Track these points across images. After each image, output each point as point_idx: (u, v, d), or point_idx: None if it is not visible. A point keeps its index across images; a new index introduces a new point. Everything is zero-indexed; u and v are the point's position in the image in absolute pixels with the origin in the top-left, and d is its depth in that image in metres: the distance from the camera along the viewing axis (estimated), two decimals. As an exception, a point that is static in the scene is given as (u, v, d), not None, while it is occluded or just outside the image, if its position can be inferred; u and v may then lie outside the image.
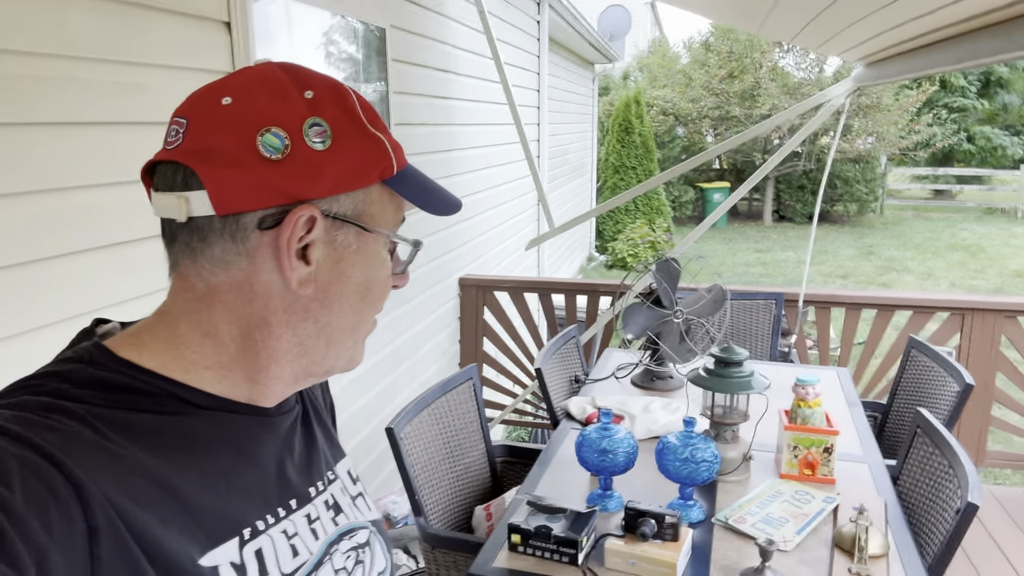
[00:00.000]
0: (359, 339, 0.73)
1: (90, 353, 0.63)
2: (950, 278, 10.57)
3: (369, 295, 0.71)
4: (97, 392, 0.60)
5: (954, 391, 2.53)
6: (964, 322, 3.66)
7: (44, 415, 0.56)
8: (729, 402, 2.14)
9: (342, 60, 2.88)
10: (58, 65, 1.57)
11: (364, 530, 0.80)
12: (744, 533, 1.81)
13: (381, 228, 0.69)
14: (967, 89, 17.68)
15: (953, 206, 17.59)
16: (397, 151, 0.69)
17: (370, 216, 0.68)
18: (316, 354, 0.70)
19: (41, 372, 0.62)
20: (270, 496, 0.69)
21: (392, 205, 0.70)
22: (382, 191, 0.69)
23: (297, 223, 0.63)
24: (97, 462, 0.55)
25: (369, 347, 3.10)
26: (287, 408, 0.74)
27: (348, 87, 0.69)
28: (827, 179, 4.01)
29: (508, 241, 5.57)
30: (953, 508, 1.80)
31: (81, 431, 0.56)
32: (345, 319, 0.70)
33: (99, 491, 0.53)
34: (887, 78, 3.29)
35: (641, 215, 12.20)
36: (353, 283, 0.69)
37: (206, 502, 0.62)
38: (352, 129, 0.66)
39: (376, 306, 0.72)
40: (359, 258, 0.68)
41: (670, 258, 2.71)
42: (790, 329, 4.03)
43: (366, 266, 0.69)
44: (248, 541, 0.64)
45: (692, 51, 16.53)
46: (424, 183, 0.72)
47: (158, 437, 0.61)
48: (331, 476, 0.79)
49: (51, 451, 0.53)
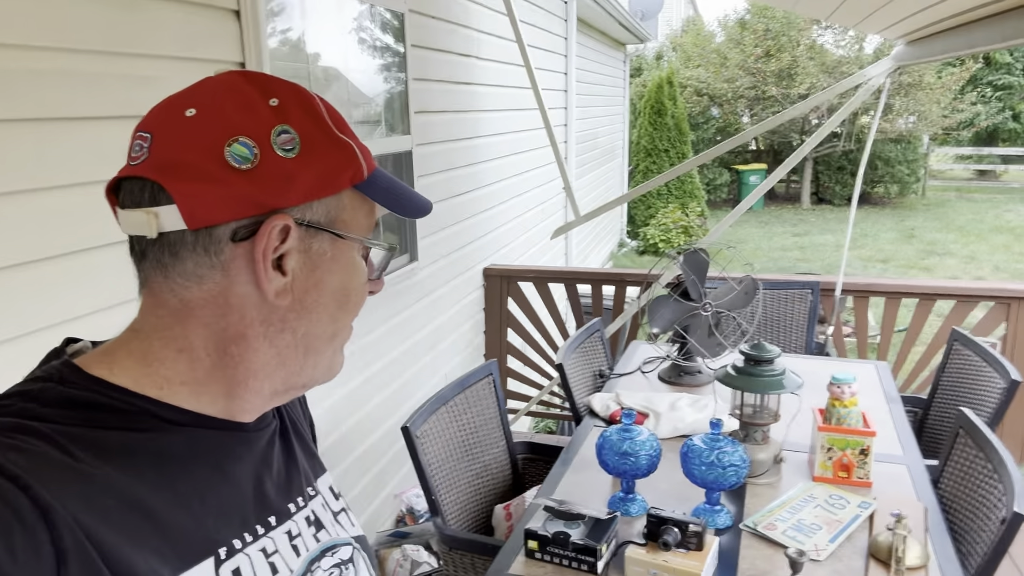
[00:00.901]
0: (337, 347, 0.72)
1: (59, 371, 0.62)
2: (994, 261, 10.24)
3: (347, 302, 0.70)
4: (66, 411, 0.59)
5: (999, 387, 2.40)
6: (1010, 311, 3.50)
7: (10, 436, 0.55)
8: (759, 401, 2.05)
9: (358, 47, 2.81)
10: (58, 58, 1.53)
11: (347, 547, 0.78)
12: (774, 541, 1.72)
13: (355, 234, 0.68)
14: (1012, 66, 17.09)
15: (998, 187, 17.05)
16: (366, 155, 0.68)
17: (343, 222, 0.67)
18: (295, 365, 0.68)
19: (8, 392, 0.60)
20: (247, 514, 0.67)
21: (364, 210, 0.69)
22: (353, 196, 0.68)
23: (272, 233, 0.62)
24: (65, 483, 0.54)
25: (387, 342, 3.07)
26: (264, 424, 0.73)
27: (312, 93, 0.68)
28: (867, 160, 3.86)
29: (535, 229, 5.49)
30: (998, 516, 1.69)
31: (48, 451, 0.55)
32: (323, 328, 0.69)
33: (67, 513, 0.52)
34: (929, 57, 3.13)
35: (674, 199, 11.99)
36: (330, 291, 0.68)
37: (179, 521, 0.60)
38: (320, 135, 0.65)
39: (353, 313, 0.71)
40: (335, 265, 0.67)
41: (698, 248, 2.61)
42: (826, 317, 3.89)
43: (342, 273, 0.68)
44: (224, 560, 0.63)
45: (727, 30, 16.18)
46: (393, 186, 0.71)
47: (130, 456, 0.59)
48: (311, 492, 0.78)
49: (16, 473, 0.52)
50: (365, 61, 2.86)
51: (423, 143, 3.32)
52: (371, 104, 2.93)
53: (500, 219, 4.59)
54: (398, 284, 3.09)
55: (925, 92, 13.91)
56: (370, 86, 2.91)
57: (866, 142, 13.72)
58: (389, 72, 3.04)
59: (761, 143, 16.90)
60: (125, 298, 1.71)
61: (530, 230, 5.36)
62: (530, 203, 5.35)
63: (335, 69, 2.67)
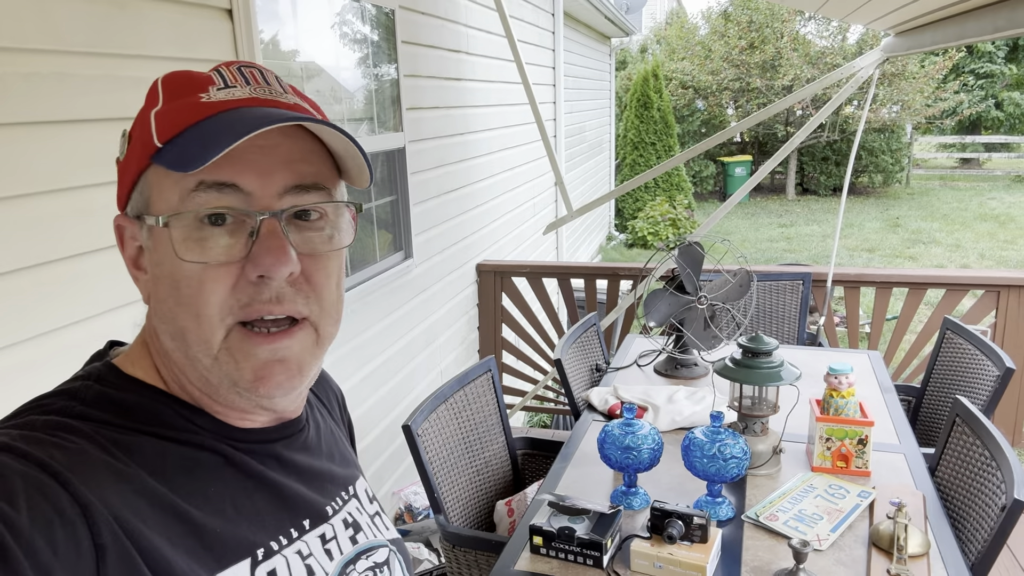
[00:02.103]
0: (214, 348, 0.61)
1: (99, 371, 0.63)
2: (979, 249, 10.33)
3: (178, 292, 0.60)
4: (104, 410, 0.60)
5: (992, 375, 2.42)
6: (1000, 299, 3.53)
7: (51, 433, 0.55)
8: (758, 393, 2.05)
9: (349, 43, 2.80)
10: (48, 61, 1.51)
11: (383, 548, 0.77)
12: (776, 531, 1.73)
13: (156, 213, 0.60)
14: (994, 55, 17.20)
15: (981, 175, 17.18)
16: (167, 116, 0.60)
17: (152, 204, 0.61)
18: (199, 367, 0.62)
19: (51, 392, 0.61)
20: (282, 517, 0.67)
21: (168, 183, 0.60)
22: (157, 172, 0.60)
23: (118, 232, 0.65)
24: (104, 480, 0.54)
25: (383, 340, 3.07)
26: (296, 428, 0.72)
27: (169, 74, 0.64)
28: (855, 151, 3.87)
29: (526, 224, 5.49)
30: (997, 504, 1.71)
31: (88, 449, 0.56)
32: (176, 326, 0.61)
33: (106, 510, 0.53)
34: (919, 48, 3.15)
35: (661, 192, 12.02)
36: (164, 283, 0.61)
37: (214, 525, 0.60)
38: (137, 123, 0.63)
39: (190, 304, 0.60)
40: (155, 255, 0.61)
41: (693, 242, 2.62)
42: (817, 307, 3.92)
43: (165, 262, 0.60)
44: (261, 562, 0.63)
45: (711, 22, 16.19)
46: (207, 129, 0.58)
47: (162, 461, 0.60)
48: (347, 495, 0.77)
49: (58, 469, 0.52)
50: (357, 58, 2.85)
51: (415, 139, 3.30)
52: (363, 101, 2.92)
53: (492, 215, 4.59)
54: (393, 282, 3.08)
55: (908, 81, 13.98)
56: (362, 83, 2.90)
57: (851, 132, 13.71)
58: (380, 69, 3.02)
59: (746, 135, 16.93)
60: (126, 301, 1.70)
61: (522, 225, 5.35)
62: (521, 198, 5.35)
63: (327, 67, 2.65)
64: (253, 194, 0.59)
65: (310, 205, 0.62)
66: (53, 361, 1.51)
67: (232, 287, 0.60)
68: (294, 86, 0.67)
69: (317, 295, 0.63)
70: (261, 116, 0.58)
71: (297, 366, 0.63)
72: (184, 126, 0.58)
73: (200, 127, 0.58)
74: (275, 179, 0.60)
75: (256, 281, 0.60)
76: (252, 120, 0.57)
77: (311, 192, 0.62)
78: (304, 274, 0.62)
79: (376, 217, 3.07)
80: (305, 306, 0.63)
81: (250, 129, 0.56)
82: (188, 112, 0.59)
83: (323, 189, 0.63)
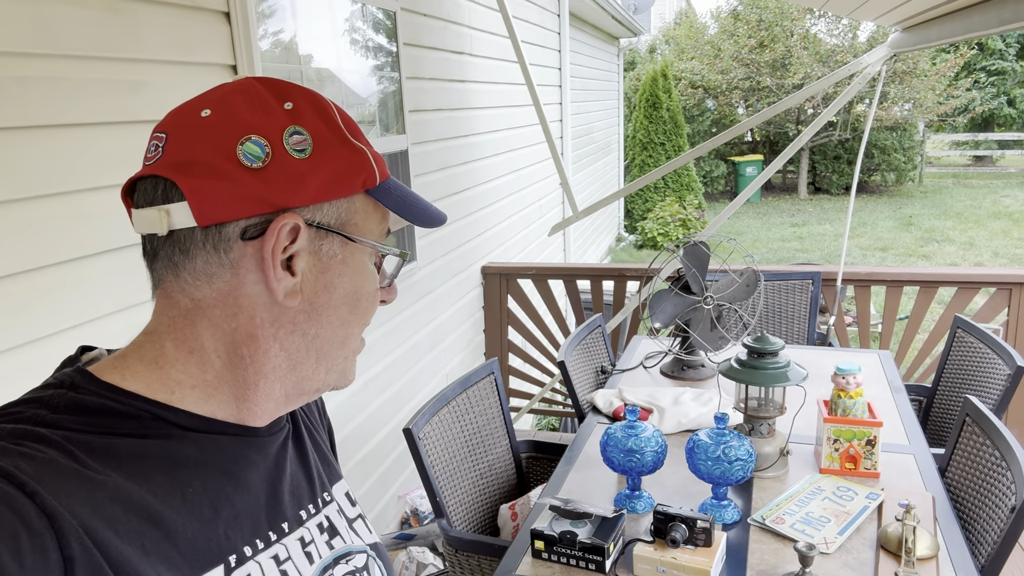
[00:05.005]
0: (349, 354, 0.71)
1: (71, 378, 0.62)
2: (993, 247, 10.23)
3: (357, 307, 0.69)
4: (76, 417, 0.58)
5: (1004, 374, 2.39)
6: (1012, 297, 3.48)
7: (18, 442, 0.55)
8: (764, 394, 2.03)
9: (351, 47, 2.79)
10: (45, 65, 1.50)
11: (362, 554, 0.77)
12: (783, 535, 1.71)
13: (366, 238, 0.68)
14: (1005, 52, 17.06)
15: (994, 172, 17.03)
16: (379, 162, 0.69)
17: (354, 226, 0.67)
18: (306, 369, 0.68)
19: (20, 400, 0.60)
20: (259, 520, 0.67)
21: (376, 216, 0.69)
22: (366, 201, 0.68)
23: (281, 232, 0.62)
24: (72, 490, 0.53)
25: (388, 342, 3.05)
26: (277, 428, 0.72)
27: (328, 99, 0.68)
28: (864, 148, 3.84)
29: (533, 226, 5.47)
30: (1007, 505, 1.67)
31: (57, 458, 0.55)
32: (334, 331, 0.68)
33: (74, 520, 0.52)
34: (926, 43, 3.11)
35: (671, 192, 11.98)
36: (340, 294, 0.67)
37: (189, 529, 0.60)
38: (333, 139, 0.65)
39: (364, 319, 0.71)
40: (345, 268, 0.67)
41: (698, 242, 2.59)
42: (827, 307, 3.88)
43: (353, 277, 0.68)
44: (234, 568, 0.62)
45: (720, 21, 16.14)
46: (407, 195, 0.71)
47: (140, 462, 0.59)
48: (326, 498, 0.77)
49: (24, 480, 0.51)
50: (358, 61, 2.84)
51: (419, 142, 3.29)
52: (365, 104, 2.91)
53: (497, 217, 4.57)
54: (397, 284, 3.07)
55: (920, 79, 13.89)
56: (364, 86, 2.89)
57: (862, 131, 13.62)
58: (383, 71, 3.02)
59: (757, 134, 16.87)
60: (125, 305, 1.69)
61: (528, 227, 5.33)
62: (527, 200, 5.33)
63: (328, 70, 2.65)
64: None
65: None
66: (50, 365, 1.51)
67: None
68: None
69: None
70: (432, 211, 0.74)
71: None
72: (384, 177, 0.69)
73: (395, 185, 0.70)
74: None
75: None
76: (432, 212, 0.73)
77: None
78: None
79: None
80: None
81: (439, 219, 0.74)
82: (380, 164, 0.69)
83: None
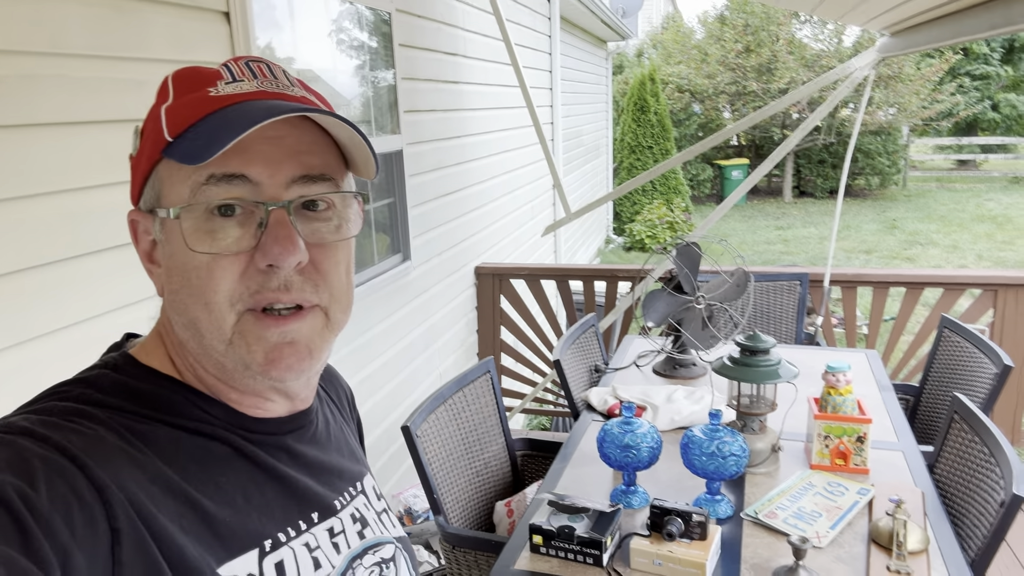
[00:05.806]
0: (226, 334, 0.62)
1: (115, 360, 0.65)
2: (977, 250, 10.34)
3: (188, 282, 0.62)
4: (121, 398, 0.61)
5: (991, 373, 2.43)
6: (997, 298, 3.54)
7: (69, 419, 0.57)
8: (756, 391, 2.06)
9: (346, 47, 2.81)
10: (47, 63, 1.51)
11: (390, 545, 0.78)
12: (776, 529, 1.74)
13: (168, 206, 0.62)
14: (990, 56, 17.25)
15: (978, 176, 17.21)
16: (177, 111, 0.62)
17: (164, 198, 0.63)
18: (214, 353, 0.64)
19: (69, 380, 0.63)
20: (290, 509, 0.68)
21: (179, 176, 0.61)
22: (168, 166, 0.62)
23: (131, 227, 0.66)
24: (119, 466, 0.56)
25: (382, 342, 3.07)
26: (306, 421, 0.73)
27: (179, 70, 0.66)
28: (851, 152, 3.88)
29: (525, 226, 5.49)
30: (996, 499, 1.71)
31: (104, 435, 0.57)
32: (189, 314, 0.63)
33: (121, 493, 0.54)
34: (915, 47, 3.16)
35: (659, 195, 12.03)
36: (177, 274, 0.63)
37: (224, 515, 0.61)
38: (148, 119, 0.65)
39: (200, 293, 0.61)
40: (168, 247, 0.63)
41: (690, 242, 2.62)
42: (815, 308, 3.92)
43: (177, 253, 0.62)
44: (268, 553, 0.63)
45: (707, 26, 16.23)
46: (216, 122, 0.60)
47: (176, 450, 0.61)
48: (355, 490, 0.78)
49: (76, 453, 0.54)
50: (354, 61, 2.86)
51: (413, 142, 3.31)
52: (360, 104, 2.93)
53: (490, 217, 4.59)
54: (391, 284, 3.09)
55: (904, 83, 14.01)
56: (360, 86, 2.91)
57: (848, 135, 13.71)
58: (378, 72, 3.03)
59: (743, 138, 16.97)
60: (128, 301, 1.70)
61: (520, 228, 5.36)
62: (519, 201, 5.36)
63: (325, 70, 2.66)
64: (261, 185, 0.61)
65: (317, 195, 0.63)
66: (55, 361, 1.52)
67: (241, 275, 0.61)
68: (301, 79, 0.68)
69: (327, 283, 0.65)
70: (268, 108, 0.59)
71: (307, 348, 0.64)
72: (193, 120, 0.60)
73: (208, 120, 0.60)
74: (283, 170, 0.61)
75: (265, 270, 0.61)
76: (259, 112, 0.59)
77: (318, 183, 0.63)
78: (313, 263, 0.63)
79: (374, 219, 3.07)
80: (314, 294, 0.64)
81: (257, 121, 0.57)
82: (197, 106, 0.61)
83: (330, 180, 0.64)
